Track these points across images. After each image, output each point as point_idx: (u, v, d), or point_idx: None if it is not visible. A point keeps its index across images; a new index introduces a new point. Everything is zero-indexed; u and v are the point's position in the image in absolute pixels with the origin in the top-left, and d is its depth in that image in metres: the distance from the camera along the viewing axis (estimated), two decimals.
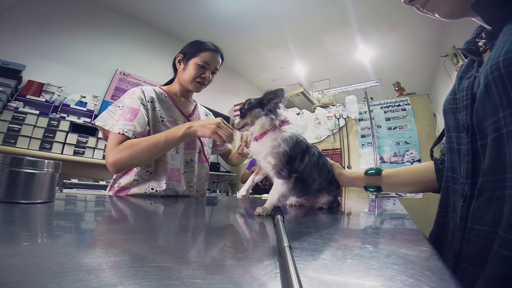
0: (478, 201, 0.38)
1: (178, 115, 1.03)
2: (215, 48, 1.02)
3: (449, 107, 0.50)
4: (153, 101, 0.96)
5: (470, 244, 0.39)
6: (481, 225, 0.37)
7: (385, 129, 2.86)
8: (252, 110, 0.63)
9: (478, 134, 0.40)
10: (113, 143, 0.83)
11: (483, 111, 0.38)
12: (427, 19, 0.50)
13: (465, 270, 0.39)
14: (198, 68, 0.98)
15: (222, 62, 1.06)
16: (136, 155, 0.82)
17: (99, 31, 2.78)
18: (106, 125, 0.86)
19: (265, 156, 0.63)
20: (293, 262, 0.22)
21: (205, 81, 1.02)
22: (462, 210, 0.42)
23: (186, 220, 0.57)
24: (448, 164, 0.51)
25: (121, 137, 0.83)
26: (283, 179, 0.61)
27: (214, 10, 2.92)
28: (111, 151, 0.83)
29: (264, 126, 0.63)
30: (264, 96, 0.64)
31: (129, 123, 0.85)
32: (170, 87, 1.07)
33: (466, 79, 0.46)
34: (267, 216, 0.55)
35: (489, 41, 0.44)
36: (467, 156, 0.42)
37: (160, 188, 0.91)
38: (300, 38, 3.38)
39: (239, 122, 0.65)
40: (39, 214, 0.44)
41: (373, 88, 3.23)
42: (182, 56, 1.02)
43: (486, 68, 0.38)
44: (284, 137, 0.62)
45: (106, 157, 0.85)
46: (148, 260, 0.24)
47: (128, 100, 0.90)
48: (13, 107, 2.01)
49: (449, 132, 0.50)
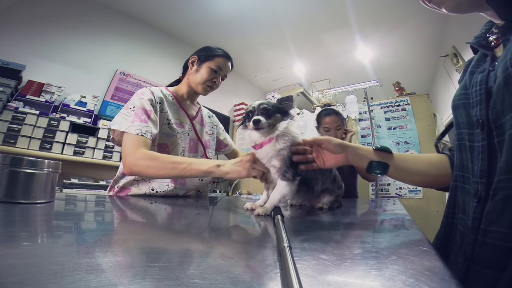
0: (493, 201, 0.36)
1: (184, 117, 1.03)
2: (228, 56, 1.05)
3: (460, 102, 0.48)
4: (162, 102, 0.95)
5: (484, 247, 0.37)
6: (498, 226, 0.35)
7: (385, 129, 2.86)
8: (275, 114, 0.64)
9: (495, 130, 0.38)
10: (132, 145, 0.81)
11: (502, 105, 0.36)
12: (427, 19, 0.50)
13: (480, 273, 0.37)
14: (211, 72, 1.00)
15: (231, 69, 1.07)
16: (153, 169, 0.80)
17: (99, 31, 2.78)
18: (121, 127, 0.84)
19: (270, 159, 0.63)
20: (293, 262, 0.22)
21: (214, 86, 1.03)
22: (475, 211, 0.40)
23: (186, 220, 0.57)
24: (457, 162, 0.49)
25: (139, 138, 0.82)
26: (287, 181, 0.61)
27: (214, 10, 2.92)
28: (130, 154, 0.81)
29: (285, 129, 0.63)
30: (279, 102, 0.66)
31: (145, 124, 0.84)
32: (177, 88, 1.07)
33: (478, 73, 0.44)
34: (266, 216, 0.55)
35: (502, 36, 0.42)
36: (482, 154, 0.39)
37: (161, 189, 0.91)
38: (300, 38, 3.38)
39: (265, 122, 0.61)
40: (39, 214, 0.44)
41: (373, 88, 3.23)
42: (196, 58, 1.03)
43: (505, 61, 0.36)
44: (287, 140, 0.63)
45: (123, 158, 0.82)
46: (148, 260, 0.24)
47: (138, 101, 0.89)
48: (13, 107, 2.01)
49: (460, 128, 0.48)
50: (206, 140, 1.10)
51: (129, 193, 0.90)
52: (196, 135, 1.05)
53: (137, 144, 0.81)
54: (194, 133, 1.05)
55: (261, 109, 0.63)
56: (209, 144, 1.12)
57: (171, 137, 0.95)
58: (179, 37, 3.37)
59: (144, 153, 0.80)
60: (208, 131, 1.15)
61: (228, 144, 1.24)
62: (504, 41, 0.41)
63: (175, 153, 0.94)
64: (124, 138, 0.84)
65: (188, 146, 1.01)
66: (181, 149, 0.97)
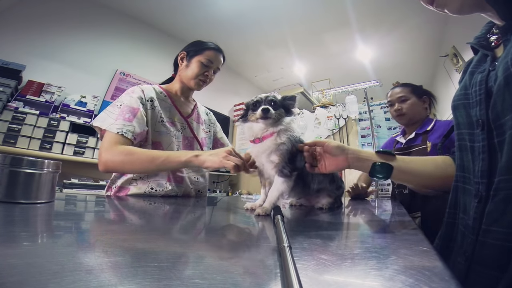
0: (494, 202, 0.36)
1: (177, 116, 1.02)
2: (218, 48, 1.03)
3: (459, 102, 0.48)
4: (153, 100, 0.95)
5: (485, 247, 0.37)
6: (498, 226, 0.35)
7: (385, 129, 2.86)
8: (280, 108, 0.65)
9: (495, 130, 0.38)
10: (110, 142, 0.81)
11: (502, 105, 0.36)
12: (427, 19, 0.50)
13: (480, 273, 0.37)
14: (201, 66, 0.99)
15: (223, 62, 1.06)
16: (129, 164, 0.80)
17: (99, 31, 2.78)
18: (103, 124, 0.83)
19: (269, 154, 0.63)
20: (293, 262, 0.22)
21: (207, 79, 1.02)
22: (475, 211, 0.40)
23: (186, 220, 0.57)
24: (458, 163, 0.49)
25: (119, 137, 0.81)
26: (284, 177, 0.61)
27: (214, 10, 2.92)
28: (106, 150, 0.80)
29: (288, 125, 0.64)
30: (283, 99, 0.68)
31: (129, 123, 0.84)
32: (170, 86, 1.07)
33: (478, 73, 0.44)
34: (266, 216, 0.55)
35: (503, 36, 0.42)
36: (482, 154, 0.39)
37: (160, 188, 0.91)
38: (300, 38, 3.38)
39: (273, 113, 0.62)
40: (39, 214, 0.44)
41: (373, 88, 3.23)
42: (185, 54, 1.02)
43: (506, 61, 0.36)
44: (287, 135, 0.63)
45: (99, 155, 0.82)
46: (148, 260, 0.24)
47: (127, 99, 0.89)
48: (13, 107, 2.01)
49: (460, 129, 0.48)
50: (202, 138, 1.09)
51: (129, 193, 0.90)
52: (192, 132, 1.04)
53: (115, 141, 0.81)
54: (190, 131, 1.04)
55: (268, 101, 0.64)
56: (205, 142, 1.11)
57: (165, 135, 0.94)
58: (179, 37, 3.37)
59: (120, 149, 0.79)
60: (204, 128, 1.14)
61: (224, 144, 1.24)
62: (505, 41, 0.41)
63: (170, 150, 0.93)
64: (105, 135, 0.84)
65: (182, 145, 1.00)
66: (175, 147, 0.96)
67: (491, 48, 0.46)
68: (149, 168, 0.82)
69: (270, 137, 0.63)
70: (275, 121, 0.63)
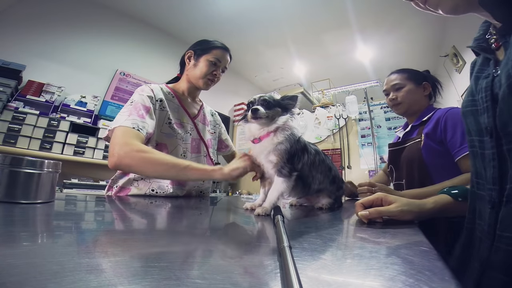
0: (507, 208, 0.37)
1: (185, 117, 1.00)
2: (225, 47, 1.02)
3: (468, 109, 0.47)
4: (162, 100, 0.93)
5: (499, 252, 0.37)
6: (510, 232, 0.35)
7: (385, 129, 2.86)
8: (275, 108, 0.65)
9: (504, 138, 0.37)
10: (125, 136, 0.73)
11: (508, 114, 0.36)
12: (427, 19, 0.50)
13: (493, 278, 0.38)
14: (210, 65, 0.97)
15: (230, 61, 1.05)
16: (148, 164, 0.71)
17: (99, 31, 2.78)
18: (117, 123, 0.77)
19: (267, 154, 0.63)
20: (293, 262, 0.22)
21: (215, 79, 1.01)
22: (490, 217, 0.40)
23: (186, 220, 0.57)
24: (472, 169, 0.49)
25: (135, 132, 0.75)
26: (284, 177, 0.61)
27: (214, 10, 2.92)
28: (121, 145, 0.71)
29: (283, 124, 0.64)
30: (282, 99, 0.67)
31: (142, 119, 0.79)
32: (177, 85, 1.04)
33: (483, 78, 0.44)
34: (266, 216, 0.55)
35: (501, 38, 0.42)
36: (493, 161, 0.39)
37: (161, 191, 0.90)
38: (300, 38, 3.38)
39: (263, 112, 0.61)
40: (39, 214, 0.44)
41: (373, 88, 3.23)
42: (192, 53, 1.00)
43: (507, 68, 0.36)
44: (286, 134, 0.63)
45: (111, 149, 0.73)
46: (148, 260, 0.24)
47: (138, 97, 0.86)
48: (13, 107, 2.01)
49: (471, 135, 0.48)
50: (208, 139, 1.08)
51: (129, 193, 0.90)
52: (198, 134, 1.02)
53: (131, 136, 0.73)
54: (196, 133, 1.02)
55: (261, 101, 0.64)
56: (211, 143, 1.09)
57: (171, 137, 0.92)
58: (179, 37, 3.37)
59: (139, 146, 0.72)
60: (210, 129, 1.12)
61: (228, 146, 1.23)
62: (504, 43, 0.41)
63: (174, 154, 0.91)
64: (115, 131, 0.76)
65: (191, 147, 0.98)
66: (181, 150, 0.94)
67: (492, 50, 0.45)
68: (169, 173, 0.74)
69: (267, 137, 0.63)
70: (269, 120, 0.63)
